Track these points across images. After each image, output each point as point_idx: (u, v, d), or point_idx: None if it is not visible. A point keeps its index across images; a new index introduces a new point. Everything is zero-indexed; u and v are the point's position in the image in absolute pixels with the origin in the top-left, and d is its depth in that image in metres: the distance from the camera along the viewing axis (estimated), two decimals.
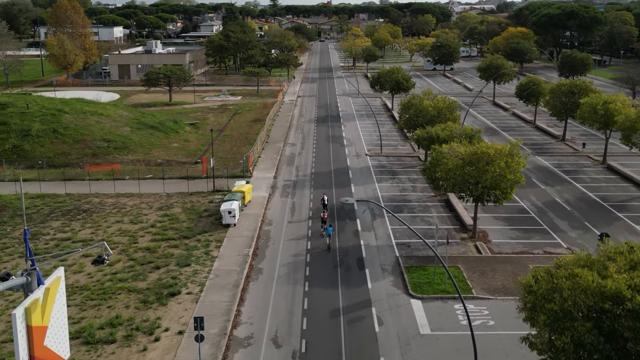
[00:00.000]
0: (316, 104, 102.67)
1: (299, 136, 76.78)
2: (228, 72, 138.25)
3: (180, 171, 59.82)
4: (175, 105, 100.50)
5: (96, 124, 72.76)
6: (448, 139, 49.98)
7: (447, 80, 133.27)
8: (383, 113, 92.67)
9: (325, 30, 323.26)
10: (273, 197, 52.43)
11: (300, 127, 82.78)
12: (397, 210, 48.37)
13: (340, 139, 74.63)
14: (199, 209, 48.77)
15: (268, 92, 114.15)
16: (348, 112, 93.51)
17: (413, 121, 60.19)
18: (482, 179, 39.38)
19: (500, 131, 79.01)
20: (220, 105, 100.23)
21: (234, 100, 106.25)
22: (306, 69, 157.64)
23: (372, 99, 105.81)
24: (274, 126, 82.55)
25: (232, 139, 74.88)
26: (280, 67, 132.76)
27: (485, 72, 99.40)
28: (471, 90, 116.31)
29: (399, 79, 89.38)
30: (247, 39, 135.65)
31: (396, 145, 71.12)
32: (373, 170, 60.35)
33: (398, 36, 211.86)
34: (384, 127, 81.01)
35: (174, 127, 78.11)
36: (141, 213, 47.90)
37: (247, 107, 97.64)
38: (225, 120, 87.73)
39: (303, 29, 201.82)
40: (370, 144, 71.54)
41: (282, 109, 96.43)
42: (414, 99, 61.50)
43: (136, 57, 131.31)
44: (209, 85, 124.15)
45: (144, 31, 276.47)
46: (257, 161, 63.62)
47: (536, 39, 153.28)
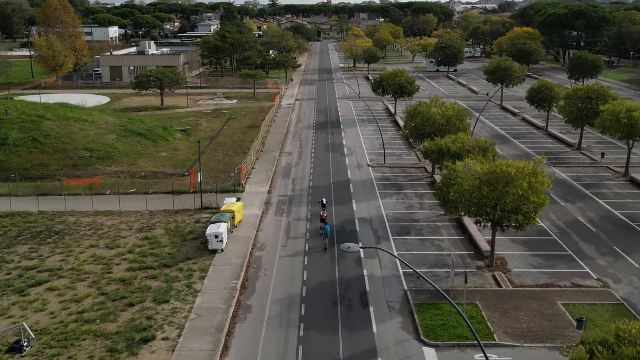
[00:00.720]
0: (315, 108, 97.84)
1: (296, 144, 71.94)
2: (224, 74, 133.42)
3: (167, 185, 55.00)
4: (167, 110, 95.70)
5: (79, 131, 67.92)
6: (460, 152, 45.18)
7: (452, 83, 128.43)
8: (386, 118, 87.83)
9: (325, 30, 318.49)
10: (267, 215, 47.60)
11: (298, 134, 77.94)
12: (404, 232, 43.54)
13: (341, 148, 69.80)
14: (183, 230, 43.94)
15: (265, 95, 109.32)
16: (349, 118, 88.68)
17: (419, 130, 55.35)
18: (502, 202, 34.57)
19: (511, 139, 74.15)
20: (214, 110, 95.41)
21: (229, 104, 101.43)
22: (305, 71, 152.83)
23: (374, 103, 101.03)
24: (270, 133, 77.72)
25: (225, 148, 70.04)
26: (278, 68, 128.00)
27: (493, 75, 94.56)
28: (477, 94, 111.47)
29: (402, 82, 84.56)
30: (243, 39, 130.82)
31: (400, 155, 66.29)
32: (376, 183, 55.52)
33: (399, 36, 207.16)
34: (387, 133, 76.21)
35: (163, 135, 73.26)
36: (119, 235, 43.06)
37: (242, 112, 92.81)
38: (218, 126, 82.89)
39: (302, 29, 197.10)
40: (372, 153, 66.71)
41: (279, 114, 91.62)
42: (420, 106, 56.66)
43: (128, 58, 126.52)
44: (203, 88, 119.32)
45: (141, 31, 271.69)
46: (250, 173, 58.77)
47: (543, 39, 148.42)
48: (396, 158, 64.77)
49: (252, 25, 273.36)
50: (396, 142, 72.20)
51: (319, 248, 40.75)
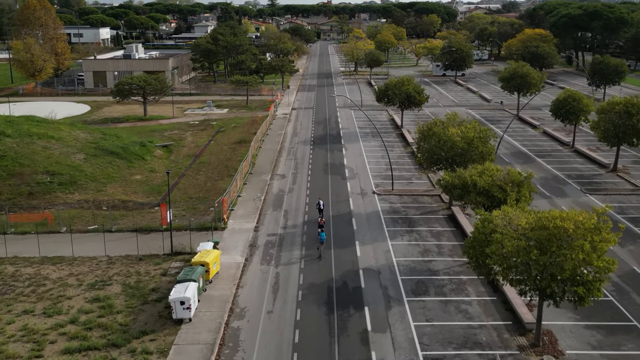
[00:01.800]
0: (313, 118, 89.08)
1: (290, 164, 63.19)
2: (217, 80, 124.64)
3: (135, 219, 46.32)
4: (150, 121, 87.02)
5: (42, 150, 59.26)
6: (489, 188, 36.47)
7: (460, 89, 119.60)
8: (391, 131, 79.06)
9: (325, 30, 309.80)
10: (250, 264, 38.88)
11: (293, 150, 69.20)
12: (420, 289, 34.85)
13: (341, 169, 61.05)
14: (145, 287, 35.23)
15: (259, 104, 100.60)
16: (350, 130, 79.90)
17: (435, 155, 46.58)
18: (557, 269, 25.88)
19: (535, 157, 65.40)
20: (202, 121, 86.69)
21: (219, 113, 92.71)
22: (303, 75, 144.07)
23: (377, 112, 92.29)
24: (262, 150, 68.98)
25: (209, 168, 61.32)
26: (274, 73, 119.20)
27: (509, 83, 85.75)
28: (489, 102, 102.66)
29: (409, 91, 75.83)
30: (237, 42, 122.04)
31: (410, 178, 57.56)
32: (383, 217, 46.77)
33: (402, 38, 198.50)
34: (393, 150, 67.53)
35: (140, 153, 64.53)
36: (64, 295, 34.36)
37: (232, 123, 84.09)
38: (204, 140, 74.18)
39: (301, 30, 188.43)
40: (378, 176, 57.98)
41: (273, 126, 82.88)
42: (435, 126, 47.89)
43: (113, 62, 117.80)
44: (193, 95, 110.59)
45: (134, 32, 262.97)
46: (235, 203, 50.04)
47: (556, 41, 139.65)
48: (405, 182, 56.00)
49: (249, 27, 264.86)
50: (404, 162, 63.47)
51: (313, 314, 32.10)
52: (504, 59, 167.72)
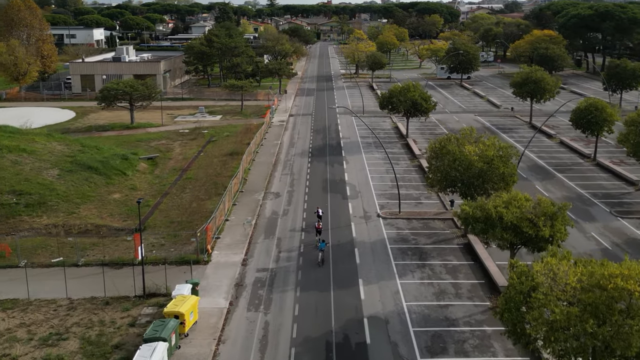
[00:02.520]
0: (312, 126, 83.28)
1: (286, 180, 57.38)
2: (211, 84, 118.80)
3: (106, 249, 40.61)
4: (137, 129, 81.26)
5: (11, 166, 53.54)
6: (518, 222, 30.71)
7: (467, 93, 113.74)
8: (395, 141, 73.25)
9: (324, 31, 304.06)
10: (235, 309, 33.09)
11: (290, 164, 63.39)
12: (437, 346, 29.07)
13: (342, 186, 55.24)
14: (108, 342, 29.47)
15: (254, 109, 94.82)
16: (352, 140, 74.10)
17: (449, 176, 40.75)
18: (620, 344, 20.11)
19: (554, 172, 59.57)
20: (192, 129, 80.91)
21: (211, 120, 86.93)
22: (302, 78, 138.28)
23: (380, 119, 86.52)
24: (256, 163, 63.20)
25: (196, 185, 55.53)
26: (272, 76, 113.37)
27: (522, 89, 79.88)
28: (498, 107, 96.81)
29: (415, 98, 70.04)
30: (232, 44, 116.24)
31: (419, 197, 51.76)
32: (391, 248, 40.99)
33: (404, 39, 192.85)
34: (398, 163, 61.82)
35: (121, 167, 58.74)
36: (8, 354, 28.59)
37: (225, 132, 78.32)
38: (194, 152, 68.42)
39: (300, 30, 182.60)
40: (383, 195, 52.20)
41: (268, 135, 77.11)
42: (449, 143, 42.08)
43: (101, 66, 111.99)
44: (185, 100, 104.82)
45: (130, 33, 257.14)
46: (222, 229, 44.27)
47: (566, 43, 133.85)
48: (413, 203, 50.17)
49: (247, 27, 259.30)
50: (411, 178, 57.65)
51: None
52: (510, 61, 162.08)
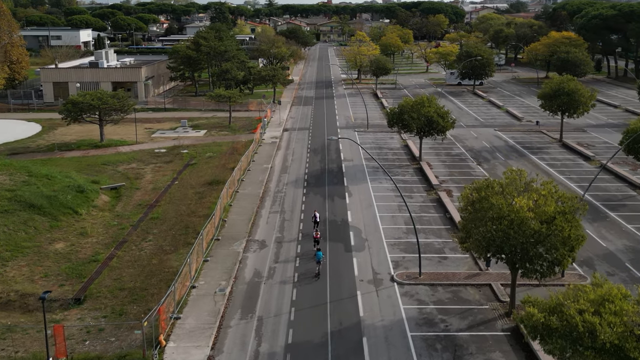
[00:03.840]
0: (308, 144, 72.24)
1: (274, 222, 46.31)
2: (198, 92, 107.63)
3: (22, 341, 29.60)
4: (106, 148, 70.31)
5: None
6: (621, 343, 19.65)
7: (482, 102, 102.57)
8: (407, 164, 62.18)
9: (324, 32, 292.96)
10: None
11: (281, 197, 52.33)
12: None
13: (345, 230, 44.17)
14: None
15: (244, 123, 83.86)
16: (355, 163, 63.03)
17: (493, 241, 29.49)
18: None
19: (605, 210, 48.39)
20: (171, 148, 69.94)
21: (194, 137, 75.92)
22: (299, 83, 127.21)
23: (387, 135, 75.47)
24: (239, 196, 52.16)
25: (162, 230, 44.52)
26: (265, 84, 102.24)
27: (553, 102, 68.78)
28: (520, 120, 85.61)
29: (431, 115, 58.98)
30: (221, 48, 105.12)
31: (442, 248, 40.72)
32: (412, 337, 29.91)
33: (409, 40, 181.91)
34: (412, 196, 50.90)
35: (73, 204, 47.82)
36: None
37: (207, 152, 67.35)
38: (167, 179, 57.41)
39: (298, 32, 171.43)
40: (396, 245, 41.17)
41: (258, 155, 66.09)
42: (493, 194, 30.76)
43: (76, 72, 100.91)
44: (168, 111, 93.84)
45: (121, 34, 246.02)
46: (184, 303, 33.19)
47: (587, 46, 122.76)
48: (436, 259, 39.10)
49: (243, 28, 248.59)
50: (430, 218, 46.60)
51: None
52: (524, 65, 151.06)
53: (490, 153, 66.73)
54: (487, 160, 63.57)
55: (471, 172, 58.95)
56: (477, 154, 66.47)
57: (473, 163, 62.53)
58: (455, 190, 53.20)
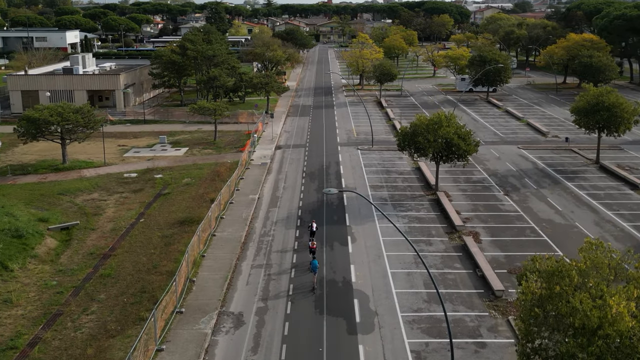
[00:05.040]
0: (304, 167, 62.13)
1: (257, 280, 36.20)
2: (184, 101, 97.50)
3: None
4: (68, 172, 60.29)
5: None
6: None
7: (498, 112, 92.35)
8: (420, 194, 52.04)
9: (324, 32, 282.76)
10: None
11: (267, 243, 42.23)
12: None
13: (347, 299, 34.02)
14: None
15: (232, 138, 73.88)
16: (359, 192, 52.78)
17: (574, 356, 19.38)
18: None
19: None
20: (143, 172, 59.91)
21: (172, 157, 65.90)
22: (296, 90, 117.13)
23: (396, 156, 65.35)
24: (217, 240, 42.08)
25: (110, 296, 34.41)
26: (258, 91, 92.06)
27: (589, 118, 58.76)
28: (545, 135, 75.46)
29: (451, 137, 48.88)
30: (210, 52, 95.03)
31: (478, 327, 30.62)
32: None
33: (413, 42, 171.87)
34: (432, 243, 40.95)
35: (4, 255, 37.75)
36: None
37: (185, 177, 57.32)
38: (132, 216, 47.34)
39: (296, 33, 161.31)
40: (415, 322, 31.09)
41: (244, 182, 56.02)
42: (561, 276, 20.66)
43: (48, 79, 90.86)
44: (148, 123, 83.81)
45: (113, 34, 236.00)
46: None
47: (609, 49, 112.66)
48: (471, 347, 28.98)
49: (239, 29, 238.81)
50: (456, 276, 36.52)
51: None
52: (538, 69, 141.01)
53: (518, 179, 56.64)
54: (516, 189, 53.47)
55: (499, 207, 48.87)
56: (502, 179, 56.38)
57: (500, 193, 52.43)
58: (483, 232, 43.17)
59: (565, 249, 40.23)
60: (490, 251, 40.03)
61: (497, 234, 43.02)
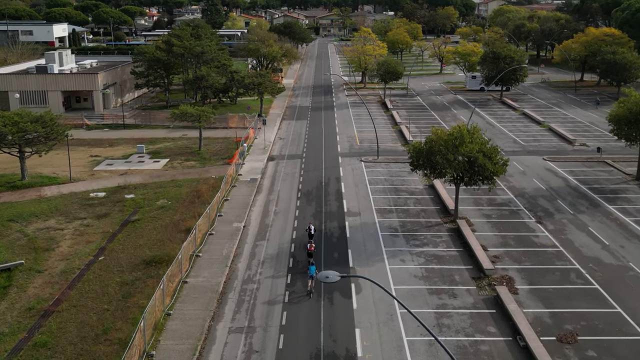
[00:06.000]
0: (299, 184, 53.78)
1: (235, 354, 28.00)
2: (170, 102, 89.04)
3: None
4: (26, 190, 52.06)
5: None
6: None
7: (515, 115, 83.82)
8: (438, 222, 43.77)
9: (324, 25, 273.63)
10: None
11: (251, 293, 33.98)
12: None
13: None
14: None
15: (219, 148, 65.62)
16: (363, 221, 44.54)
17: None
18: None
19: None
20: (113, 190, 51.65)
21: (149, 170, 57.62)
22: (294, 88, 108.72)
23: (404, 169, 56.89)
24: (188, 288, 33.84)
25: None
26: (250, 92, 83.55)
27: (632, 128, 50.44)
28: (572, 144, 67.07)
29: (474, 156, 40.53)
30: (197, 49, 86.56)
31: None
32: None
33: (418, 36, 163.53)
34: (455, 293, 32.88)
35: None
36: None
37: (161, 198, 49.11)
38: (88, 253, 39.11)
39: (294, 26, 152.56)
40: None
41: (228, 205, 47.77)
42: None
43: (18, 79, 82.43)
44: (128, 128, 75.51)
45: (105, 27, 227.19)
46: None
47: (633, 44, 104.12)
48: None
49: (236, 21, 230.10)
50: (492, 344, 28.32)
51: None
52: (552, 66, 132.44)
53: (550, 200, 48.36)
54: (550, 215, 45.20)
55: (533, 239, 40.64)
56: (531, 201, 48.10)
57: (531, 220, 44.18)
58: (518, 277, 34.99)
59: (622, 303, 32.08)
60: (531, 306, 31.85)
61: (536, 280, 34.81)
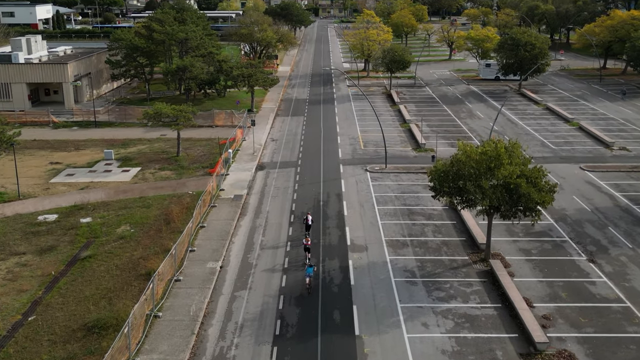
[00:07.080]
0: (292, 206, 44.61)
1: None
2: (152, 95, 79.52)
3: None
4: None
5: None
6: None
7: (538, 110, 74.37)
8: (464, 262, 34.79)
9: (324, 6, 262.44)
10: None
11: None
12: None
13: None
14: None
15: (200, 153, 56.44)
16: (371, 260, 35.56)
17: None
18: None
19: None
20: (67, 211, 42.69)
21: (115, 183, 48.53)
22: (290, 77, 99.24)
23: (418, 181, 47.90)
24: None
25: None
26: (241, 84, 73.84)
27: None
28: (611, 148, 57.83)
29: (515, 181, 31.37)
30: (181, 35, 76.97)
31: None
32: None
33: (423, 18, 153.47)
34: None
35: None
36: None
37: (122, 223, 40.06)
38: (15, 310, 30.28)
39: (291, 8, 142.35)
40: None
41: (205, 232, 38.78)
42: None
43: None
44: (100, 126, 66.36)
45: (93, 8, 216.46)
46: None
47: None
48: None
49: (232, 3, 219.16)
50: None
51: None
52: (572, 52, 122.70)
53: (600, 228, 39.36)
54: (603, 250, 36.23)
55: (589, 288, 31.74)
56: (577, 229, 39.09)
57: (581, 257, 35.23)
58: (582, 355, 26.12)
59: None
60: None
61: (604, 356, 25.95)
